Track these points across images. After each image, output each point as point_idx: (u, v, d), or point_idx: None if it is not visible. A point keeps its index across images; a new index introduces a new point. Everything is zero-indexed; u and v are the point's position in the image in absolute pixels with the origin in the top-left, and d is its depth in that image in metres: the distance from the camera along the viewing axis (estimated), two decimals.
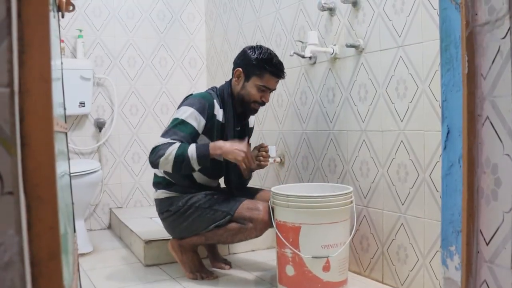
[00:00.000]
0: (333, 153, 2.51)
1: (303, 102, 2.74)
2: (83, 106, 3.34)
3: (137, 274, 2.45)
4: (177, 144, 2.13)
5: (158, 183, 2.41)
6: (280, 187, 2.27)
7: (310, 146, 2.68)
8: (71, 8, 1.52)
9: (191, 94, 2.39)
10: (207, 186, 2.41)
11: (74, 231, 1.83)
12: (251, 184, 2.62)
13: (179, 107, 2.32)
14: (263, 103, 2.36)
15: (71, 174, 2.22)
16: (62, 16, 1.53)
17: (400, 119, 2.09)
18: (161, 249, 2.56)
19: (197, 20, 3.89)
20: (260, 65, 2.27)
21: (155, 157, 2.15)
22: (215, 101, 2.31)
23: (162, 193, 2.37)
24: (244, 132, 2.46)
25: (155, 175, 2.44)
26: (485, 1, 0.89)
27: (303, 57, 2.50)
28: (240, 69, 2.33)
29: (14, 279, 0.60)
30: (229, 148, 2.16)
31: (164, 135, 2.21)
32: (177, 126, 2.20)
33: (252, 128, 2.59)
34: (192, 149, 2.13)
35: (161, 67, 3.76)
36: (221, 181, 2.54)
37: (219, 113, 2.31)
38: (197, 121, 2.23)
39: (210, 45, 3.86)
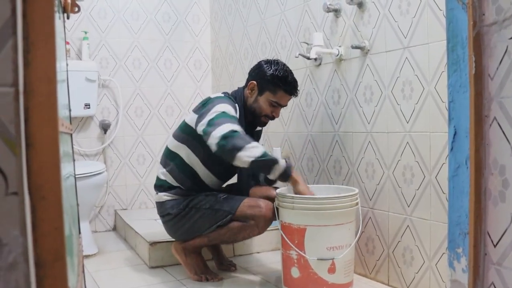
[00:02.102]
0: (338, 154, 2.50)
1: (308, 104, 2.73)
2: (88, 108, 3.35)
3: (142, 276, 2.45)
4: (260, 146, 2.10)
5: (160, 186, 2.41)
6: (285, 189, 2.27)
7: (315, 148, 2.68)
8: (76, 9, 1.53)
9: (210, 98, 2.35)
10: (211, 187, 2.41)
11: (79, 233, 1.83)
12: None
13: (208, 105, 2.24)
14: (273, 118, 2.40)
15: (76, 176, 2.22)
16: (67, 17, 1.53)
17: (406, 120, 2.08)
18: (166, 251, 2.56)
19: (202, 22, 3.89)
20: (275, 81, 2.30)
21: (239, 143, 2.04)
22: (236, 105, 2.33)
23: (163, 196, 2.37)
24: (252, 138, 2.46)
25: (157, 178, 2.44)
26: (492, 1, 0.88)
27: (308, 58, 2.49)
28: (255, 82, 2.35)
29: (18, 280, 0.60)
30: (303, 187, 2.11)
31: (224, 122, 2.10)
32: (231, 118, 2.16)
33: (260, 131, 2.59)
34: (281, 160, 2.09)
35: (166, 69, 3.76)
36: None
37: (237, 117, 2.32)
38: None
39: (215, 46, 3.86)
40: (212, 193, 2.34)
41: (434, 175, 1.95)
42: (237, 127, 2.11)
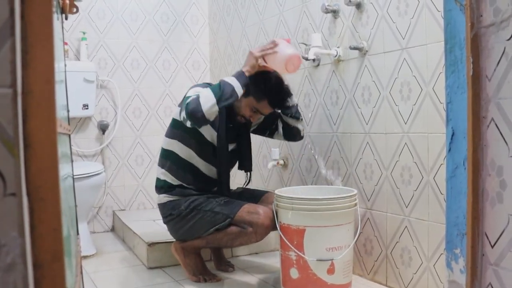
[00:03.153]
0: (336, 155, 2.50)
1: (306, 105, 2.73)
2: (87, 109, 3.35)
3: (140, 277, 2.45)
4: (207, 89, 2.12)
5: (160, 187, 2.41)
6: (283, 190, 2.27)
7: (314, 149, 2.68)
8: (74, 10, 1.53)
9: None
10: (211, 178, 2.39)
11: (77, 234, 1.83)
12: (254, 186, 2.61)
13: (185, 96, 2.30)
14: (249, 121, 2.36)
15: (74, 176, 2.22)
16: (66, 18, 1.53)
17: (404, 121, 2.08)
18: (164, 251, 2.56)
19: (201, 23, 3.89)
20: (263, 91, 2.24)
21: (193, 103, 2.08)
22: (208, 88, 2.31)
23: (164, 198, 2.38)
24: (235, 128, 2.42)
25: (157, 179, 2.44)
26: (490, 3, 0.88)
27: (306, 59, 2.49)
28: None
29: (16, 281, 0.60)
30: (248, 60, 2.19)
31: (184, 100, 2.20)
32: (193, 92, 2.20)
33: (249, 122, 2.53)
34: (227, 79, 2.13)
35: (164, 70, 3.76)
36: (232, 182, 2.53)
37: None
38: None
39: (213, 47, 3.86)
40: (214, 195, 2.34)
41: (432, 176, 1.95)
42: (193, 93, 2.14)
